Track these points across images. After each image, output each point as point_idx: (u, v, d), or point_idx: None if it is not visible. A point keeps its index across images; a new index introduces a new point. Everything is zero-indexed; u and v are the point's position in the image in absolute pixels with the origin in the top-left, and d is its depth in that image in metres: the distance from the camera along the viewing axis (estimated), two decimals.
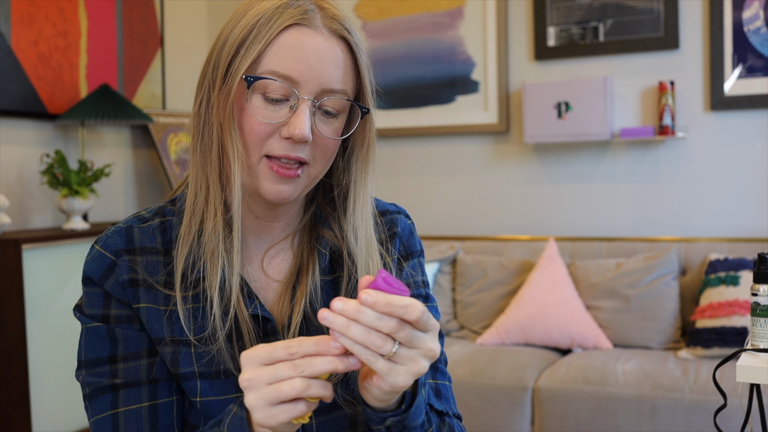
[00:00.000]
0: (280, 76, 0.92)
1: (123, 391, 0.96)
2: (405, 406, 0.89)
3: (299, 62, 0.92)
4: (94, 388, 0.97)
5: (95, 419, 0.97)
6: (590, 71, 3.63)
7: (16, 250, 2.80)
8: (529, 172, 3.77)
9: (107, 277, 0.98)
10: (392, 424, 0.89)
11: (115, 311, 0.98)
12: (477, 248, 3.71)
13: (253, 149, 0.94)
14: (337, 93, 0.95)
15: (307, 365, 0.80)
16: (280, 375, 0.80)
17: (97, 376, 0.97)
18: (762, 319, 1.43)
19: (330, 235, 1.04)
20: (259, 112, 0.93)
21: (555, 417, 2.88)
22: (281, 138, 0.94)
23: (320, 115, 0.95)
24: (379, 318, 0.78)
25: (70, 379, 2.95)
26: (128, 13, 3.75)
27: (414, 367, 0.81)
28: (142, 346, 0.98)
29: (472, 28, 3.83)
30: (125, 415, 0.96)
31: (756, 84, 3.36)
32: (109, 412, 0.96)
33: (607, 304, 3.26)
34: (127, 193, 3.80)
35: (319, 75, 0.93)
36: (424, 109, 3.94)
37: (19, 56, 3.19)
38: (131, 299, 0.98)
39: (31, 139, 3.28)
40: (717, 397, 2.66)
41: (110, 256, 0.99)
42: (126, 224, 1.02)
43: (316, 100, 0.94)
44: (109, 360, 0.97)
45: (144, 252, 1.00)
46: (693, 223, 3.50)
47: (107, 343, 0.97)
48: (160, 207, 1.05)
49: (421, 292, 1.10)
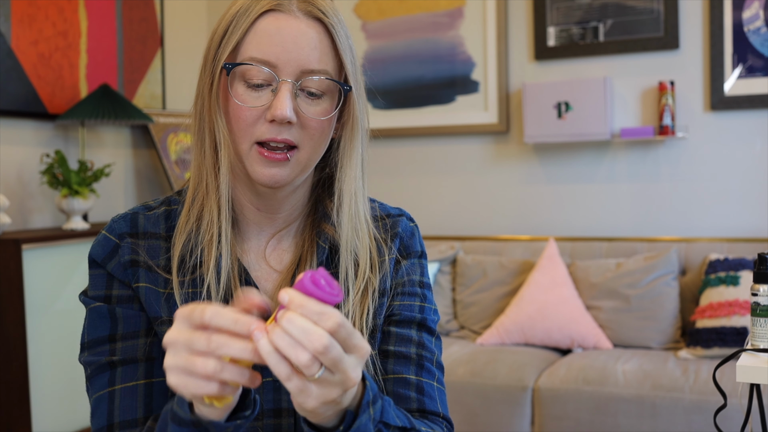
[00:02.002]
0: (259, 61, 0.95)
1: (120, 369, 0.98)
2: (344, 427, 0.82)
3: (275, 46, 0.95)
4: (94, 368, 0.99)
5: (94, 397, 0.99)
6: (590, 71, 3.63)
7: (16, 250, 2.80)
8: (529, 172, 3.77)
9: (110, 258, 1.01)
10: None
11: (116, 291, 1.01)
12: (477, 248, 3.71)
13: (243, 137, 0.97)
14: (317, 73, 0.97)
15: (221, 345, 0.74)
16: (195, 345, 0.75)
17: (97, 355, 0.99)
18: (762, 319, 1.43)
19: (330, 230, 1.06)
20: (241, 98, 0.96)
21: (555, 417, 2.88)
22: (266, 122, 0.96)
23: (305, 97, 0.97)
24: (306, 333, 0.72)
25: (70, 379, 2.95)
26: (128, 13, 3.75)
27: (327, 394, 0.75)
28: (140, 326, 1.00)
29: (472, 28, 3.83)
30: (121, 392, 0.97)
31: (756, 84, 3.36)
32: (106, 389, 0.98)
33: (607, 304, 3.26)
34: (127, 193, 3.79)
35: (296, 57, 0.95)
36: (424, 109, 3.94)
37: (19, 56, 3.19)
38: (131, 279, 1.00)
39: (31, 139, 3.28)
40: (717, 397, 2.66)
41: (114, 239, 1.02)
42: (132, 211, 1.06)
43: (296, 82, 0.96)
44: (108, 339, 0.99)
45: (147, 236, 1.03)
46: (693, 223, 3.50)
47: (107, 323, 1.00)
48: (167, 197, 1.08)
49: (416, 290, 1.10)
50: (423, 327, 1.09)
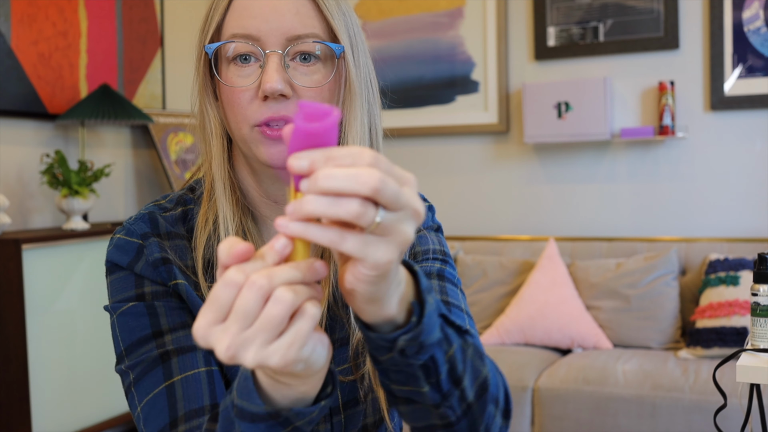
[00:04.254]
0: (240, 36, 0.91)
1: (176, 359, 0.88)
2: (416, 318, 0.69)
3: (254, 18, 0.91)
4: (142, 367, 0.88)
5: (145, 402, 0.86)
6: (590, 71, 3.63)
7: (16, 250, 2.80)
8: (529, 172, 3.77)
9: (137, 261, 0.93)
10: (406, 345, 0.69)
11: (149, 288, 0.92)
12: (477, 248, 3.70)
13: (241, 121, 0.92)
14: (304, 37, 0.91)
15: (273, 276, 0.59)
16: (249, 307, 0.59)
17: (144, 354, 0.88)
18: (762, 319, 1.43)
19: None
20: (231, 80, 0.92)
21: (555, 417, 2.87)
22: (261, 101, 0.91)
23: (297, 65, 0.92)
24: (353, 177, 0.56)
25: (70, 379, 2.95)
26: (128, 13, 3.75)
27: (398, 236, 0.60)
28: (187, 317, 0.91)
29: (472, 28, 3.83)
30: (183, 383, 0.87)
31: (756, 84, 3.36)
32: (162, 385, 0.87)
33: (607, 304, 3.26)
34: (127, 193, 3.79)
35: (278, 25, 0.90)
36: (424, 109, 3.93)
37: (19, 56, 3.19)
38: (165, 277, 0.92)
39: (31, 139, 3.28)
40: (717, 397, 2.66)
41: (137, 241, 0.94)
42: (148, 211, 0.98)
43: (283, 52, 0.91)
44: (153, 335, 0.89)
45: (171, 237, 0.96)
46: (693, 223, 3.49)
47: (147, 321, 0.90)
48: (180, 196, 1.01)
49: (436, 256, 1.04)
50: (443, 278, 1.01)
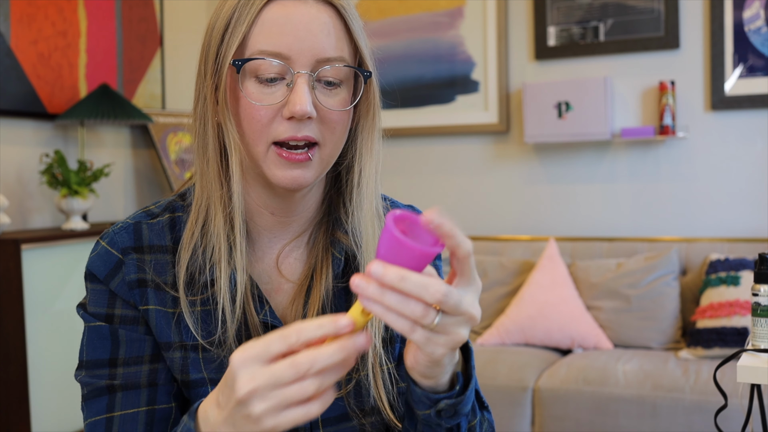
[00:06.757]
0: (270, 54, 0.87)
1: (120, 394, 0.92)
2: (459, 387, 0.81)
3: (287, 36, 0.87)
4: (90, 389, 0.93)
5: (89, 421, 0.92)
6: (590, 71, 3.63)
7: (15, 250, 2.80)
8: (529, 172, 3.77)
9: (113, 276, 0.93)
10: (445, 408, 0.81)
11: (119, 311, 0.93)
12: (477, 248, 3.70)
13: (258, 138, 0.89)
14: (333, 61, 0.89)
15: (311, 363, 0.69)
16: (281, 379, 0.69)
17: (95, 377, 0.93)
18: (762, 319, 1.43)
19: (345, 239, 0.98)
20: (254, 96, 0.88)
21: (555, 417, 2.87)
22: (284, 120, 0.88)
23: (321, 88, 0.90)
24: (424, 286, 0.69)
25: (69, 379, 2.95)
26: (128, 12, 3.74)
27: (454, 337, 0.73)
28: (145, 351, 0.93)
29: (472, 28, 3.83)
30: (120, 420, 0.91)
31: (756, 84, 3.36)
32: (104, 415, 0.91)
33: (607, 304, 3.26)
34: (126, 193, 3.79)
35: (311, 45, 0.87)
36: (424, 109, 3.93)
37: (19, 56, 3.19)
38: (138, 300, 0.93)
39: (30, 139, 3.28)
40: (717, 397, 2.66)
41: (117, 254, 0.94)
42: (134, 220, 0.96)
43: (312, 73, 0.88)
44: (109, 363, 0.93)
45: (153, 250, 0.94)
46: (693, 223, 3.49)
47: (108, 345, 0.93)
48: (170, 202, 0.99)
49: None
50: None
